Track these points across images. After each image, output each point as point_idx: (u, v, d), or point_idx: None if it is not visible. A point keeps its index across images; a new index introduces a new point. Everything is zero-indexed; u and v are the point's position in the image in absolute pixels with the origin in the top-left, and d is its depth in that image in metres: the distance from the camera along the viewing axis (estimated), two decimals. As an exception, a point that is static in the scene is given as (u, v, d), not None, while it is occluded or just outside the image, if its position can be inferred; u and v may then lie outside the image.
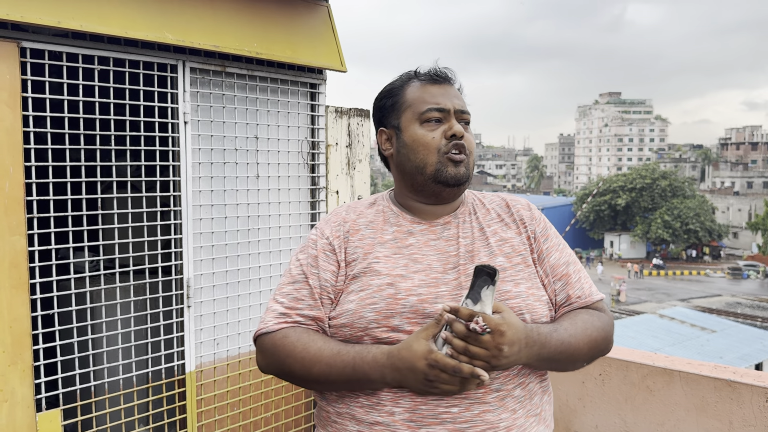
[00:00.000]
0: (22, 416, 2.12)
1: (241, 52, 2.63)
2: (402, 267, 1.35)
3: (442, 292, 1.32)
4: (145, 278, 2.52)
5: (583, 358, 1.38)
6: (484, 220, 1.46)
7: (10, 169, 2.08)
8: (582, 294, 1.44)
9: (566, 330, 1.33)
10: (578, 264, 1.50)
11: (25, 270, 2.12)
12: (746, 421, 2.28)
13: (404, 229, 1.42)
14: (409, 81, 1.48)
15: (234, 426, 2.79)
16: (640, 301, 33.63)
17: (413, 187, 1.45)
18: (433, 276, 1.35)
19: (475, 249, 1.40)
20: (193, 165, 2.60)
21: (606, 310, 1.48)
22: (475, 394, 1.27)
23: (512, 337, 1.19)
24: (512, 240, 1.44)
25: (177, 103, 2.53)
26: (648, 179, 51.02)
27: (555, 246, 1.48)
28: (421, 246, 1.39)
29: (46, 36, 2.16)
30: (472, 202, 1.51)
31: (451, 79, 1.48)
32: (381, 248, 1.38)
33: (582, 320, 1.38)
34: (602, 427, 2.71)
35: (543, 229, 1.48)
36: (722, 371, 2.38)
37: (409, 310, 1.29)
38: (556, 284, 1.43)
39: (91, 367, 2.34)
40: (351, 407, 1.32)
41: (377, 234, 1.41)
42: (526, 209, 1.51)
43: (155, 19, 2.37)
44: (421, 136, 1.41)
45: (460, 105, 1.44)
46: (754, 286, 40.28)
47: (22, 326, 2.12)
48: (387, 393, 1.28)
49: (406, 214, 1.45)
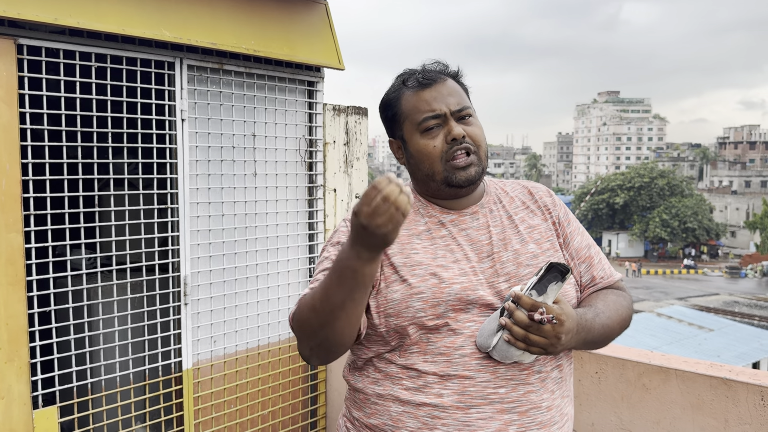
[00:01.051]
0: (18, 413, 2.13)
1: (238, 49, 2.63)
2: (441, 257, 1.38)
3: (480, 280, 1.37)
4: (142, 276, 2.52)
5: (614, 336, 1.47)
6: (510, 208, 1.50)
7: (7, 166, 2.08)
8: (605, 275, 1.51)
9: (604, 313, 1.40)
10: (596, 246, 1.56)
11: (21, 267, 2.12)
12: (742, 419, 2.29)
13: (435, 220, 1.45)
14: (401, 90, 1.47)
15: (231, 423, 2.79)
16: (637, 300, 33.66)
17: (429, 192, 1.47)
18: (470, 265, 1.38)
19: (507, 237, 1.44)
20: (191, 162, 2.60)
21: (625, 288, 1.56)
22: (520, 375, 1.33)
23: (569, 326, 1.26)
24: (539, 226, 1.48)
25: (174, 101, 2.53)
26: (646, 178, 51.05)
27: (576, 230, 1.53)
28: (454, 236, 1.42)
29: (43, 33, 2.16)
30: (496, 190, 1.54)
31: (440, 77, 1.45)
32: (417, 239, 1.41)
33: (613, 301, 1.46)
34: (598, 425, 2.71)
35: (564, 214, 1.54)
36: (718, 369, 2.39)
37: (453, 298, 1.33)
38: (581, 266, 1.49)
39: (88, 365, 2.34)
40: (394, 389, 1.34)
41: (411, 225, 1.43)
42: (548, 195, 1.55)
43: (153, 17, 2.37)
44: (423, 146, 1.42)
45: (456, 103, 1.43)
46: (751, 285, 40.35)
47: (19, 323, 2.11)
48: (434, 377, 1.31)
49: (434, 205, 1.47)
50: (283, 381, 3.01)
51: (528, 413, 1.33)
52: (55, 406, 2.22)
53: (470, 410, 1.30)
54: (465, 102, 1.45)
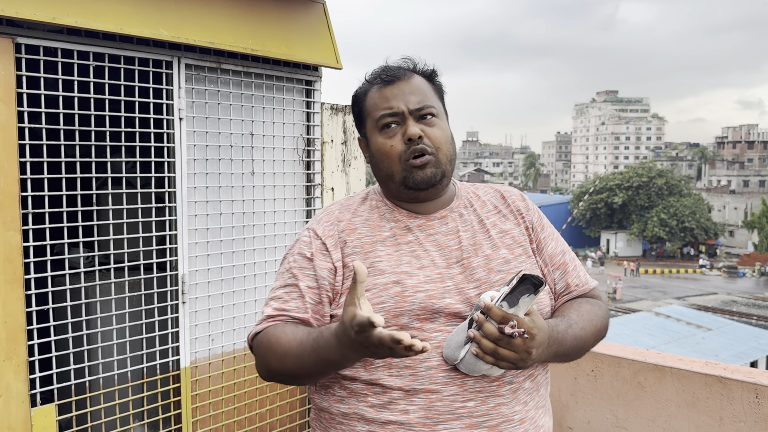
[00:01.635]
0: (16, 411, 2.13)
1: (236, 48, 2.64)
2: (406, 264, 1.33)
3: (448, 287, 1.31)
4: (140, 274, 2.53)
5: (589, 348, 1.41)
6: (481, 212, 1.45)
7: (5, 165, 2.08)
8: (579, 282, 1.46)
9: (577, 324, 1.35)
10: (572, 252, 1.51)
11: (19, 265, 2.12)
12: (736, 416, 2.30)
13: (402, 225, 1.39)
14: (367, 87, 1.43)
15: (229, 422, 2.80)
16: (636, 299, 33.72)
17: (391, 193, 1.43)
18: (437, 271, 1.33)
19: (477, 242, 1.38)
20: (188, 161, 2.60)
21: (601, 297, 1.51)
22: (490, 387, 1.27)
23: (540, 340, 1.20)
24: (512, 231, 1.43)
25: (172, 100, 2.54)
26: (644, 177, 51.10)
27: (551, 235, 1.48)
28: (421, 241, 1.37)
29: (42, 32, 2.16)
30: (467, 195, 1.49)
31: (404, 74, 1.40)
32: (381, 246, 1.36)
33: (587, 311, 1.40)
34: (594, 423, 2.73)
35: (538, 219, 1.49)
36: (713, 367, 2.40)
37: (417, 307, 1.28)
38: (554, 273, 1.44)
39: (86, 363, 2.35)
40: (359, 407, 1.29)
41: (375, 232, 1.38)
42: (521, 200, 1.50)
43: (150, 16, 2.38)
44: (381, 145, 1.38)
45: (417, 101, 1.37)
46: (749, 284, 40.40)
47: (17, 321, 2.12)
48: (399, 392, 1.26)
49: (401, 209, 1.42)
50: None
51: (499, 427, 1.28)
52: (53, 404, 2.23)
53: (437, 426, 1.24)
54: (428, 101, 1.39)
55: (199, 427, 2.70)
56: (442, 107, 1.45)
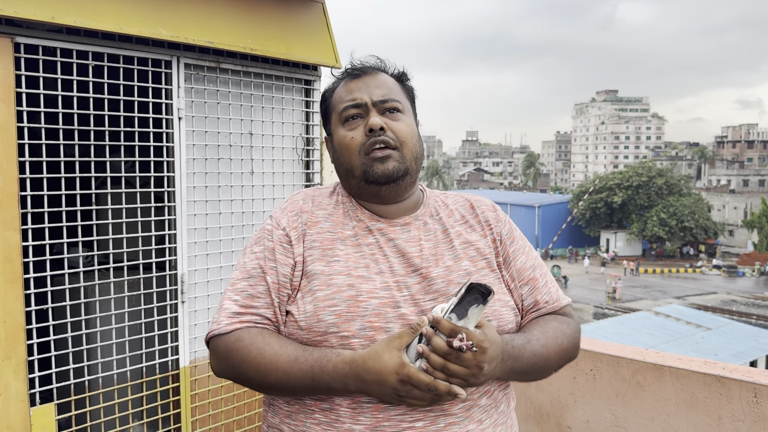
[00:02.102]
0: (15, 410, 2.13)
1: (235, 48, 2.64)
2: (363, 267, 1.26)
3: (404, 297, 1.24)
4: (139, 274, 2.53)
5: (553, 368, 1.33)
6: (447, 222, 1.39)
7: (4, 165, 2.08)
8: (550, 299, 1.39)
9: (538, 340, 1.28)
10: (544, 267, 1.44)
11: (19, 265, 2.13)
12: (735, 416, 2.31)
13: (363, 226, 1.33)
14: (336, 83, 1.40)
15: (228, 421, 2.80)
16: (635, 299, 33.74)
17: (352, 191, 1.37)
18: (395, 279, 1.26)
19: (439, 252, 1.32)
20: (188, 161, 2.60)
21: (573, 315, 1.43)
22: (441, 406, 1.20)
23: (492, 354, 1.14)
24: (477, 243, 1.37)
25: (171, 99, 2.54)
26: (644, 177, 51.11)
27: (521, 249, 1.42)
28: (381, 246, 1.31)
29: (41, 31, 2.16)
30: (435, 203, 1.43)
31: (370, 69, 1.37)
32: (341, 245, 1.29)
33: (552, 328, 1.33)
34: (593, 423, 2.73)
35: (509, 231, 1.42)
36: (712, 367, 2.40)
37: (371, 313, 1.21)
38: (522, 289, 1.38)
39: (85, 362, 2.35)
40: (307, 424, 1.23)
41: (337, 228, 1.32)
42: (491, 210, 1.44)
43: (149, 15, 2.38)
44: (342, 137, 1.33)
45: (381, 94, 1.33)
46: (749, 283, 40.43)
47: (16, 321, 2.12)
48: (346, 409, 1.20)
49: (364, 209, 1.36)
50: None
51: None
52: (52, 403, 2.23)
53: None
54: (393, 95, 1.35)
55: (199, 427, 2.70)
56: (411, 108, 1.40)
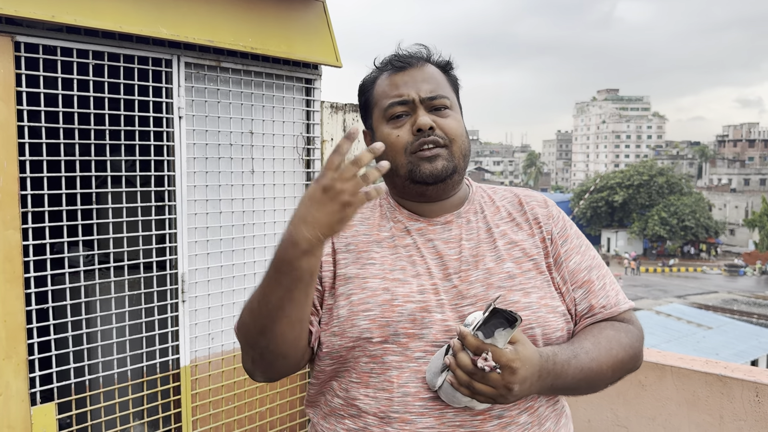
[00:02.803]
0: (16, 410, 2.13)
1: (236, 47, 2.64)
2: (399, 270, 1.21)
3: (441, 300, 1.18)
4: (140, 273, 2.53)
5: (606, 382, 1.22)
6: (492, 220, 1.30)
7: (4, 164, 2.08)
8: (607, 303, 1.27)
9: (587, 354, 1.16)
10: (603, 268, 1.32)
11: (19, 264, 2.12)
12: (737, 415, 2.30)
13: (401, 227, 1.27)
14: (376, 75, 1.32)
15: (229, 420, 2.80)
16: (636, 298, 33.68)
17: (396, 189, 1.31)
18: (432, 282, 1.20)
19: (480, 253, 1.24)
20: (188, 160, 2.60)
21: (635, 321, 1.31)
22: (472, 422, 1.12)
23: (524, 375, 1.04)
24: (523, 243, 1.27)
25: (172, 98, 2.54)
26: (645, 176, 51.08)
27: (575, 248, 1.30)
28: (419, 246, 1.24)
29: (41, 30, 2.16)
30: (481, 199, 1.34)
31: (417, 61, 1.29)
32: (377, 247, 1.24)
33: (607, 339, 1.21)
34: (594, 422, 2.72)
35: (561, 230, 1.31)
36: (713, 366, 2.40)
37: (406, 318, 1.15)
38: (576, 292, 1.27)
39: (86, 362, 2.35)
40: (337, 429, 1.20)
41: (373, 231, 1.27)
42: (542, 206, 1.34)
43: (150, 14, 2.37)
44: (387, 136, 1.26)
45: (429, 90, 1.26)
46: (750, 283, 40.41)
47: (17, 320, 2.12)
48: (374, 418, 1.15)
49: (403, 210, 1.30)
50: (281, 379, 3.01)
51: None
52: (53, 402, 2.23)
53: None
54: (441, 90, 1.28)
55: (199, 426, 2.70)
56: (457, 101, 1.33)
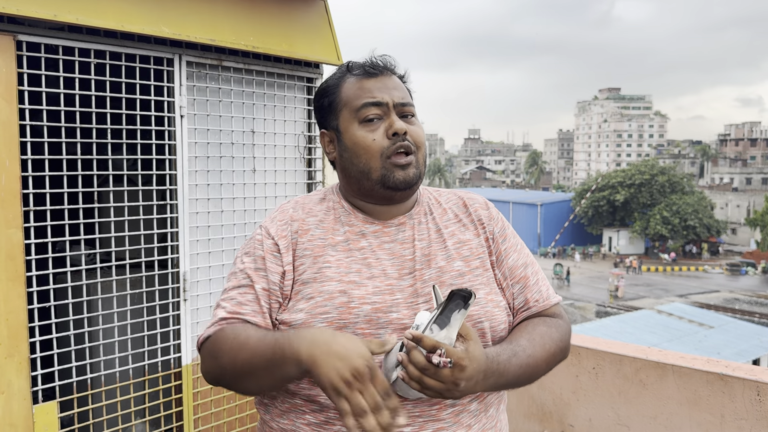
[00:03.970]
0: (18, 408, 2.14)
1: (237, 46, 2.64)
2: (355, 272, 1.25)
3: (397, 300, 1.24)
4: (142, 272, 2.53)
5: (540, 375, 1.31)
6: (440, 221, 1.37)
7: (6, 162, 2.09)
8: (540, 297, 1.37)
9: (525, 351, 1.25)
10: (536, 265, 1.42)
11: (21, 262, 2.13)
12: (738, 414, 2.30)
13: (356, 230, 1.31)
14: (344, 77, 1.35)
15: (230, 419, 2.81)
16: (638, 297, 33.70)
17: (361, 192, 1.34)
18: (387, 282, 1.25)
19: (432, 252, 1.30)
20: (190, 159, 2.60)
21: (563, 315, 1.41)
22: (429, 411, 1.20)
23: (471, 372, 1.10)
24: (470, 242, 1.35)
25: (173, 97, 2.54)
26: (647, 175, 51.03)
27: (513, 247, 1.39)
28: (374, 249, 1.29)
29: (43, 29, 2.16)
30: (428, 201, 1.40)
31: (388, 68, 1.35)
32: (332, 251, 1.28)
33: (540, 334, 1.30)
34: (596, 421, 2.73)
35: (501, 229, 1.40)
36: (714, 365, 2.40)
37: (362, 319, 1.20)
38: (514, 287, 1.36)
39: (88, 360, 2.35)
40: (297, 424, 1.24)
41: (328, 234, 1.30)
42: (484, 208, 1.42)
43: (152, 13, 2.38)
44: (361, 138, 1.29)
45: (401, 97, 1.32)
46: (752, 282, 40.36)
47: (19, 318, 2.13)
48: (336, 411, 1.18)
49: (358, 213, 1.34)
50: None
51: None
52: (54, 401, 2.23)
53: None
54: (409, 99, 1.34)
55: (201, 425, 2.70)
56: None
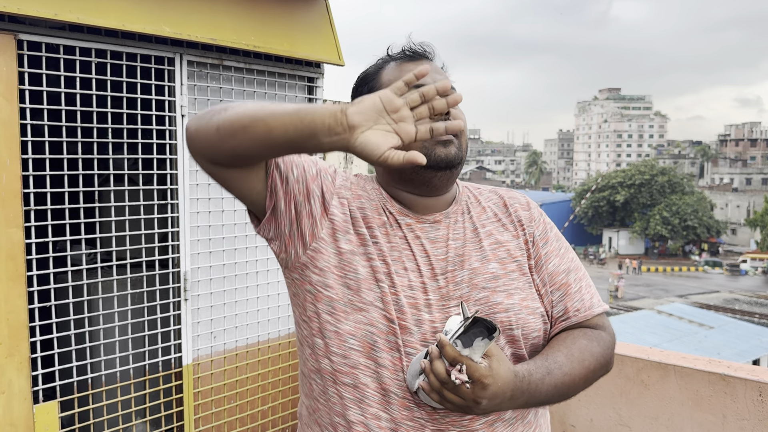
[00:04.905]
0: (19, 408, 2.13)
1: (238, 45, 2.63)
2: (395, 261, 1.22)
3: (428, 300, 1.20)
4: (142, 271, 2.53)
5: (578, 391, 1.25)
6: (478, 220, 1.32)
7: (7, 162, 2.08)
8: (581, 306, 1.29)
9: (561, 368, 1.18)
10: (580, 271, 1.34)
11: (22, 262, 2.12)
12: (740, 414, 2.30)
13: (393, 219, 1.27)
14: (384, 64, 1.33)
15: (230, 419, 2.80)
16: (638, 297, 33.70)
17: (401, 178, 1.29)
18: (421, 280, 1.21)
19: (466, 253, 1.25)
20: (190, 158, 2.60)
21: (606, 326, 1.33)
22: (461, 422, 1.16)
23: (495, 391, 1.06)
24: (508, 244, 1.29)
25: (174, 96, 2.53)
26: (647, 175, 51.02)
27: (555, 251, 1.32)
28: (409, 242, 1.25)
29: (43, 28, 2.16)
30: (467, 199, 1.36)
31: (428, 54, 1.33)
32: (378, 230, 1.24)
33: (579, 350, 1.23)
34: (597, 421, 2.72)
35: (543, 232, 1.34)
36: (716, 365, 2.39)
37: (400, 308, 1.17)
38: (554, 294, 1.29)
39: (88, 360, 2.35)
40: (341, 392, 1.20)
41: (374, 214, 1.27)
42: (525, 209, 1.36)
43: (153, 12, 2.37)
44: None
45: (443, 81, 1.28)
46: (752, 282, 40.36)
47: (19, 318, 2.12)
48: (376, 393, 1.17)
49: (394, 203, 1.29)
50: (283, 377, 3.02)
51: None
52: (55, 400, 2.23)
53: None
54: (451, 85, 1.28)
55: (201, 424, 2.70)
56: None
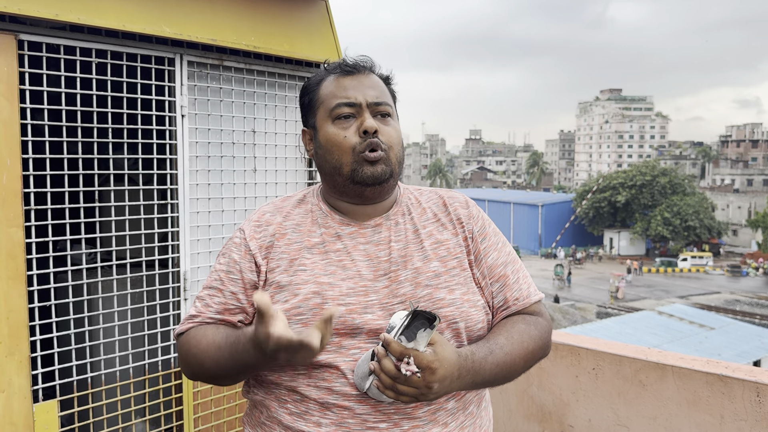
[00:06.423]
0: (18, 407, 2.14)
1: (238, 45, 2.64)
2: (329, 274, 1.27)
3: (371, 302, 1.25)
4: (142, 271, 2.54)
5: (519, 372, 1.33)
6: (419, 221, 1.37)
7: (7, 161, 2.09)
8: (520, 296, 1.37)
9: (502, 348, 1.26)
10: (517, 263, 1.42)
11: (22, 261, 2.13)
12: (737, 415, 2.30)
13: (332, 232, 1.33)
14: (323, 76, 1.39)
15: (230, 418, 2.81)
16: (638, 298, 33.69)
17: (335, 188, 1.36)
18: (362, 284, 1.27)
19: (408, 253, 1.31)
20: (191, 158, 2.61)
21: (543, 313, 1.41)
22: (405, 409, 1.22)
23: (443, 374, 1.14)
24: (448, 242, 1.35)
25: (174, 97, 2.54)
26: (648, 176, 51.01)
27: (493, 245, 1.39)
28: (349, 250, 1.31)
29: (44, 28, 2.16)
30: (408, 201, 1.42)
31: (364, 68, 1.37)
32: (308, 254, 1.30)
33: (518, 332, 1.31)
34: (595, 421, 2.73)
35: (481, 228, 1.40)
36: (714, 366, 2.40)
37: (336, 321, 1.22)
38: (493, 286, 1.36)
39: (88, 359, 2.36)
40: (279, 412, 1.28)
41: (304, 237, 1.33)
42: (464, 207, 1.42)
43: (153, 13, 2.38)
44: (333, 135, 1.32)
45: (375, 96, 1.34)
46: (753, 283, 40.33)
47: (19, 317, 2.13)
48: (315, 403, 1.24)
49: (335, 215, 1.36)
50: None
51: None
52: (55, 399, 2.24)
53: None
54: (385, 98, 1.36)
55: (201, 424, 2.70)
56: (395, 112, 1.41)
